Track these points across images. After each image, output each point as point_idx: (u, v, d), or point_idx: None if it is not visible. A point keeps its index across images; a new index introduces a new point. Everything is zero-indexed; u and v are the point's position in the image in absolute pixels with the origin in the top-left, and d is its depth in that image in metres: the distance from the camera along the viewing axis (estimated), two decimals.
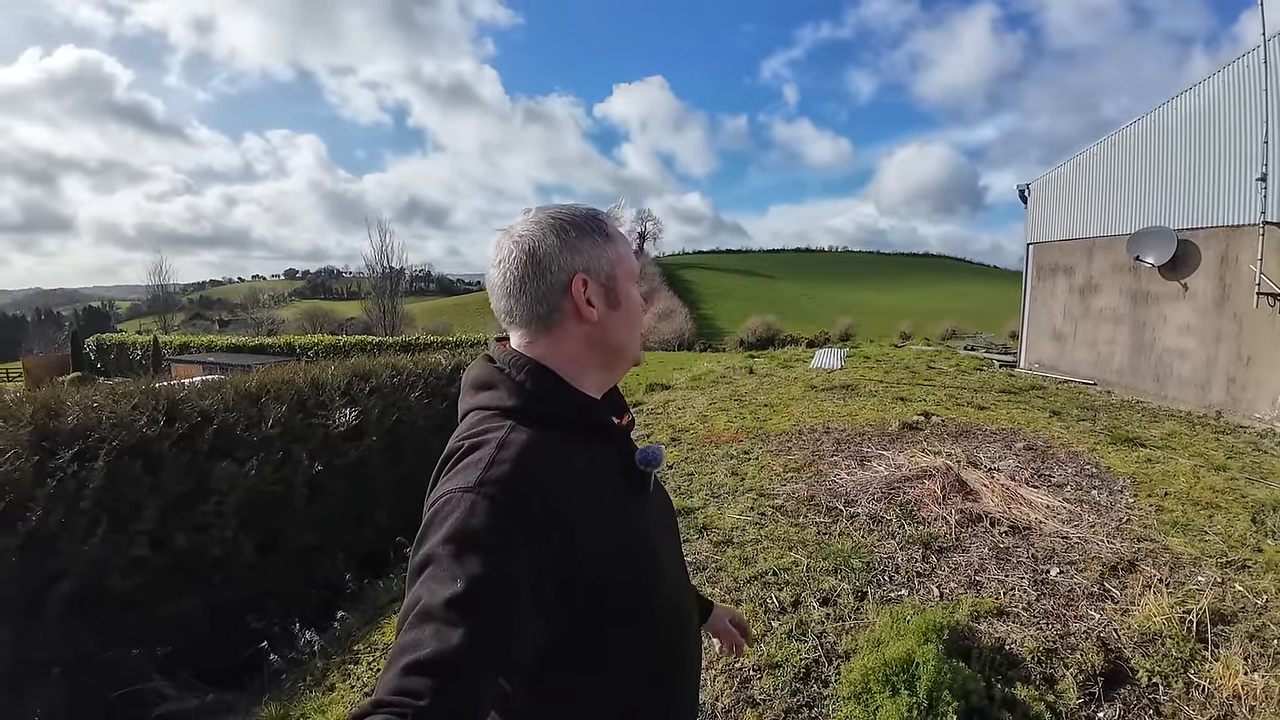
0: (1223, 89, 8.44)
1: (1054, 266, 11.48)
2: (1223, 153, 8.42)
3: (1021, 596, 3.38)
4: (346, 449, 5.17)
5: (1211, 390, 8.57)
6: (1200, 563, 3.74)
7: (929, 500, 4.64)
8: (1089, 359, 10.69)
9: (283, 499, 4.50)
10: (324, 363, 6.28)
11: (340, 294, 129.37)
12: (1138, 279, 9.69)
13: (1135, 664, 2.77)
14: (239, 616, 4.03)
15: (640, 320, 1.08)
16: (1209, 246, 8.68)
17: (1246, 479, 5.40)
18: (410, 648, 0.70)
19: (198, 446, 4.03)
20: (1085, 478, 5.40)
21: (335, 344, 22.09)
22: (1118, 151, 10.13)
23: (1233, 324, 8.32)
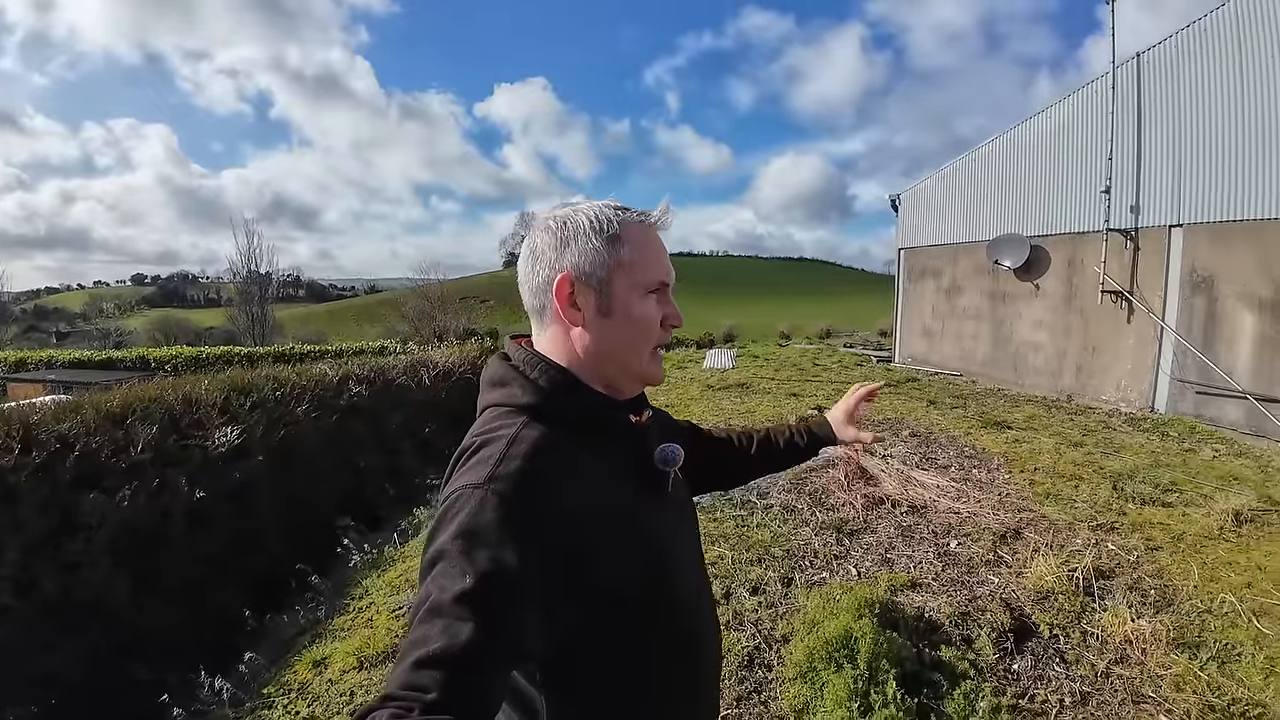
0: (1072, 110, 9.46)
1: (923, 270, 12.42)
2: (1071, 168, 9.44)
3: (930, 569, 3.68)
4: (229, 471, 4.78)
5: (1063, 377, 9.58)
6: (1075, 527, 4.21)
7: (835, 488, 4.92)
8: (956, 353, 11.65)
9: (161, 530, 4.10)
10: (194, 377, 5.79)
11: (197, 301, 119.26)
12: (996, 280, 10.66)
13: (1036, 619, 3.10)
14: (121, 666, 3.61)
15: (643, 334, 0.99)
16: (1058, 251, 9.69)
17: (1101, 453, 6.09)
18: (420, 643, 0.70)
19: (59, 476, 3.65)
20: (966, 459, 5.90)
21: (197, 356, 20.36)
22: (979, 165, 11.12)
23: (1079, 319, 9.35)
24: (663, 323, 1.01)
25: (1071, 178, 9.43)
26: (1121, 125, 8.63)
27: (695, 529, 1.19)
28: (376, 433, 7.40)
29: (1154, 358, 8.37)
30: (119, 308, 79.15)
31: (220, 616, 4.25)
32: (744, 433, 1.47)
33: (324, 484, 5.92)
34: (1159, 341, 8.32)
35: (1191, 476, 5.32)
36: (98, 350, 30.82)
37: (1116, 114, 8.65)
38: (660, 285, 1.00)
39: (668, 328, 1.02)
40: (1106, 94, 8.77)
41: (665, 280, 1.01)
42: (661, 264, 1.01)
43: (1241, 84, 7.28)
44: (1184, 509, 4.51)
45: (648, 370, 1.02)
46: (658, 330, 1.00)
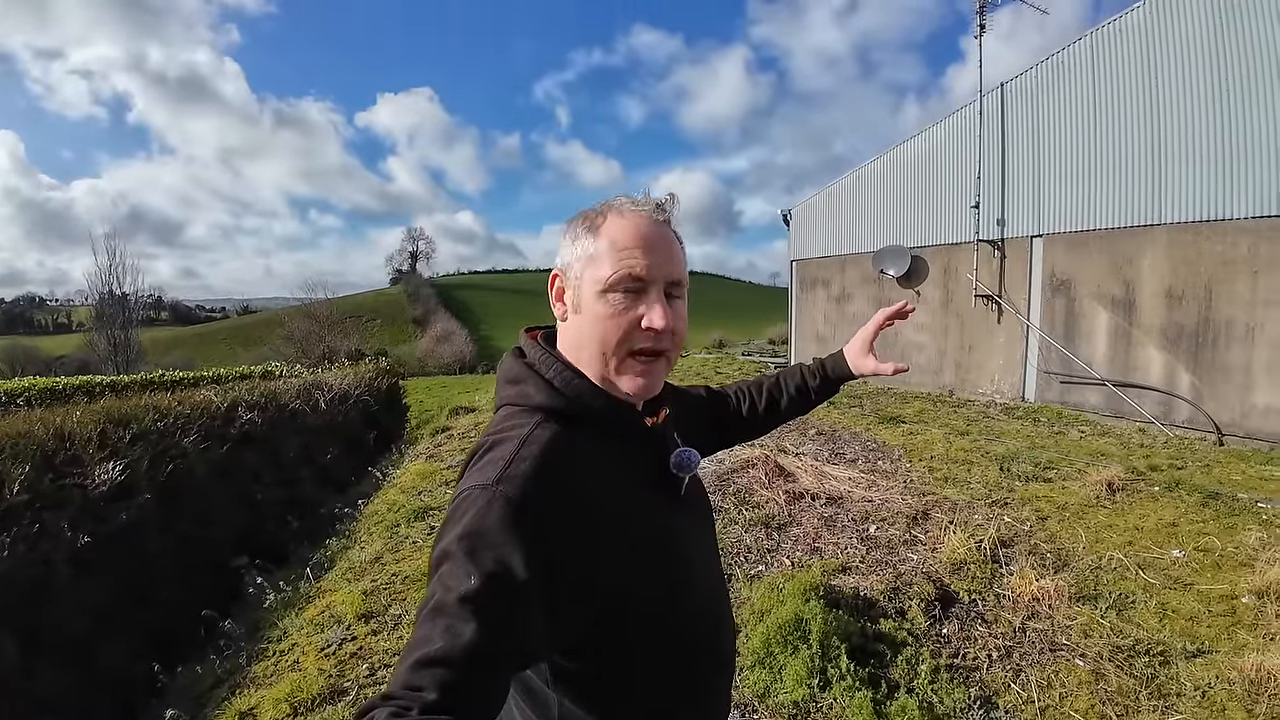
0: (945, 133, 10.40)
1: (814, 279, 13.13)
2: (945, 185, 10.36)
3: (855, 553, 3.96)
4: (113, 512, 4.40)
5: (944, 374, 10.42)
6: (974, 505, 4.63)
7: (757, 486, 5.17)
8: None
9: (42, 582, 3.72)
10: (63, 409, 5.28)
11: (46, 326, 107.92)
12: (881, 288, 11.45)
13: (955, 588, 3.43)
14: None
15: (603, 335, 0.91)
16: (935, 260, 10.58)
17: (985, 439, 6.69)
18: (421, 642, 0.70)
19: None
20: (870, 452, 6.33)
21: (53, 387, 18.31)
22: (863, 182, 11.94)
23: (956, 321, 10.23)
24: (639, 324, 0.91)
25: (946, 194, 10.33)
26: (988, 147, 9.57)
27: (712, 530, 1.17)
28: (272, 462, 7.04)
29: (1022, 353, 9.27)
30: None
31: (121, 674, 3.87)
32: (760, 386, 1.45)
33: (219, 520, 5.55)
34: (1026, 339, 9.23)
35: (1064, 455, 5.95)
36: None
37: (984, 137, 9.59)
38: (631, 281, 0.90)
39: (646, 330, 0.91)
40: (974, 119, 9.69)
41: (639, 275, 0.90)
42: (628, 259, 0.90)
43: (1094, 110, 8.27)
44: (1063, 483, 5.05)
45: (614, 377, 0.94)
46: (618, 332, 0.91)
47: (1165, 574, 3.55)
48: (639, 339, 0.92)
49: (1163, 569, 3.60)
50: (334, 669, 3.23)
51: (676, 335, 0.96)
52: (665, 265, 0.93)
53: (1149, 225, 7.77)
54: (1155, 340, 7.77)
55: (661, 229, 0.95)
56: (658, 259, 0.92)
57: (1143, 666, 2.78)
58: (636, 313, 0.91)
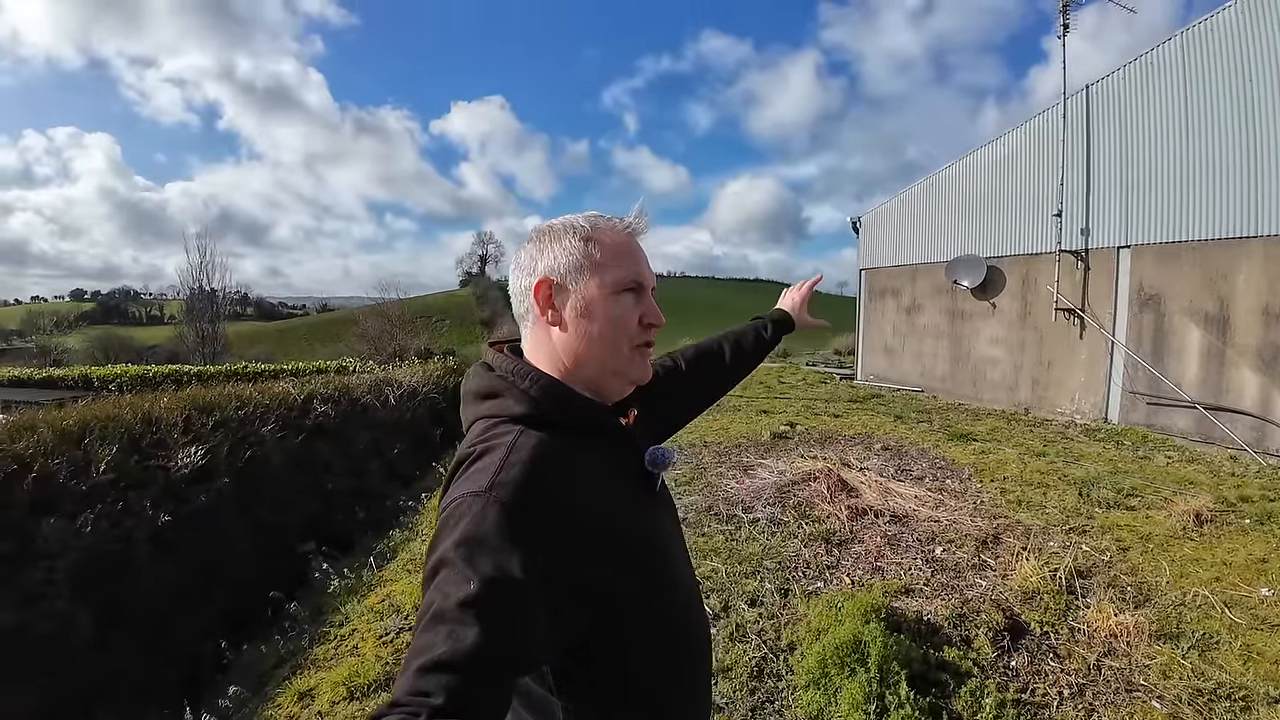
0: (1025, 138, 9.97)
1: (883, 289, 12.82)
2: (1025, 192, 9.93)
3: (919, 575, 3.82)
4: (193, 494, 4.56)
5: (1020, 391, 9.98)
6: (1049, 531, 4.41)
7: (819, 500, 5.05)
8: (916, 369, 12.02)
9: (123, 558, 3.86)
10: (153, 394, 5.56)
11: (139, 318, 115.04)
12: (954, 299, 11.08)
13: (1026, 618, 3.26)
14: (85, 707, 3.37)
15: (618, 332, 1.00)
16: (1013, 271, 10.15)
17: (1063, 462, 6.37)
18: (424, 649, 0.71)
19: (15, 500, 3.44)
20: (938, 469, 6.11)
21: (143, 375, 19.46)
22: (937, 189, 11.59)
23: (1034, 335, 9.78)
24: (641, 321, 1.02)
25: (1025, 201, 9.90)
26: (1072, 152, 9.12)
27: (679, 526, 1.21)
28: (343, 453, 7.24)
29: (1106, 371, 8.79)
30: (57, 324, 75.71)
31: (190, 649, 4.03)
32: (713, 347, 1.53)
33: (291, 507, 5.73)
34: (1110, 356, 8.75)
35: (1149, 481, 5.61)
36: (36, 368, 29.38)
37: (1068, 141, 9.15)
38: (635, 285, 1.01)
39: (646, 326, 1.03)
40: (1057, 123, 9.26)
41: (640, 280, 1.02)
42: (635, 265, 1.02)
43: (1185, 113, 7.78)
44: (1146, 512, 4.76)
45: (628, 368, 1.02)
46: (634, 328, 1.01)
47: (1252, 613, 3.30)
48: (642, 335, 1.02)
49: (1250, 608, 3.36)
50: (391, 657, 3.32)
51: None
52: (651, 273, 1.06)
53: (1244, 238, 7.26)
54: (1250, 361, 7.25)
55: (639, 242, 1.07)
56: (648, 267, 1.05)
57: (1223, 711, 2.59)
58: (639, 312, 1.02)
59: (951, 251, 11.06)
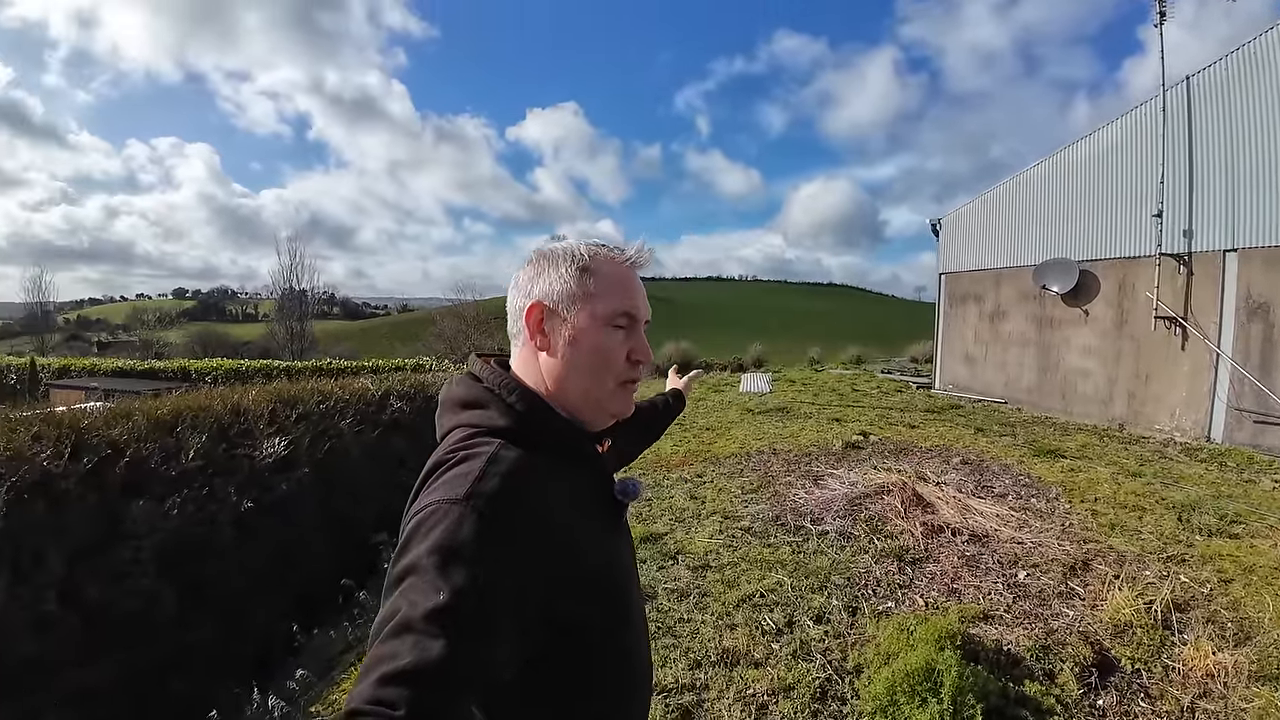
0: (1121, 133, 9.40)
1: (965, 294, 12.31)
2: (1121, 191, 9.36)
3: (1000, 600, 3.62)
4: (275, 482, 4.72)
5: (1114, 405, 9.40)
6: (1143, 559, 4.12)
7: (892, 515, 4.87)
8: (1000, 379, 11.49)
9: (207, 541, 4.02)
10: (242, 387, 5.85)
11: (235, 316, 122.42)
12: (1043, 306, 10.54)
13: (1117, 653, 3.04)
14: (161, 679, 3.54)
15: (604, 365, 1.00)
16: (1108, 276, 9.57)
17: (1161, 483, 5.95)
18: (388, 658, 0.68)
19: (108, 483, 3.58)
20: (1022, 487, 5.80)
21: (237, 369, 20.66)
22: (1023, 189, 11.05)
23: (1131, 345, 9.20)
24: (629, 357, 1.02)
25: (1121, 202, 9.34)
26: (1172, 148, 8.55)
27: (635, 560, 1.23)
28: (417, 448, 7.44)
29: (1210, 386, 8.19)
30: (160, 320, 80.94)
31: (264, 631, 4.22)
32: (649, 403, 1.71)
33: (366, 498, 5.94)
34: (1214, 369, 8.14)
35: (1255, 507, 5.18)
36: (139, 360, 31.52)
37: (1167, 137, 8.58)
38: (626, 319, 1.01)
39: (634, 362, 1.03)
40: (1156, 117, 8.70)
41: (632, 314, 1.02)
42: (628, 299, 1.02)
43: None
44: (1251, 541, 4.39)
45: (610, 402, 1.02)
46: (621, 363, 1.01)
47: None
48: (628, 371, 1.02)
49: None
50: None
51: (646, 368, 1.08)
52: (646, 308, 1.06)
53: None
54: None
55: (638, 276, 1.07)
56: (644, 302, 1.05)
57: None
58: (628, 347, 1.02)
59: (1040, 255, 10.53)
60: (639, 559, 4.48)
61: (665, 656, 3.20)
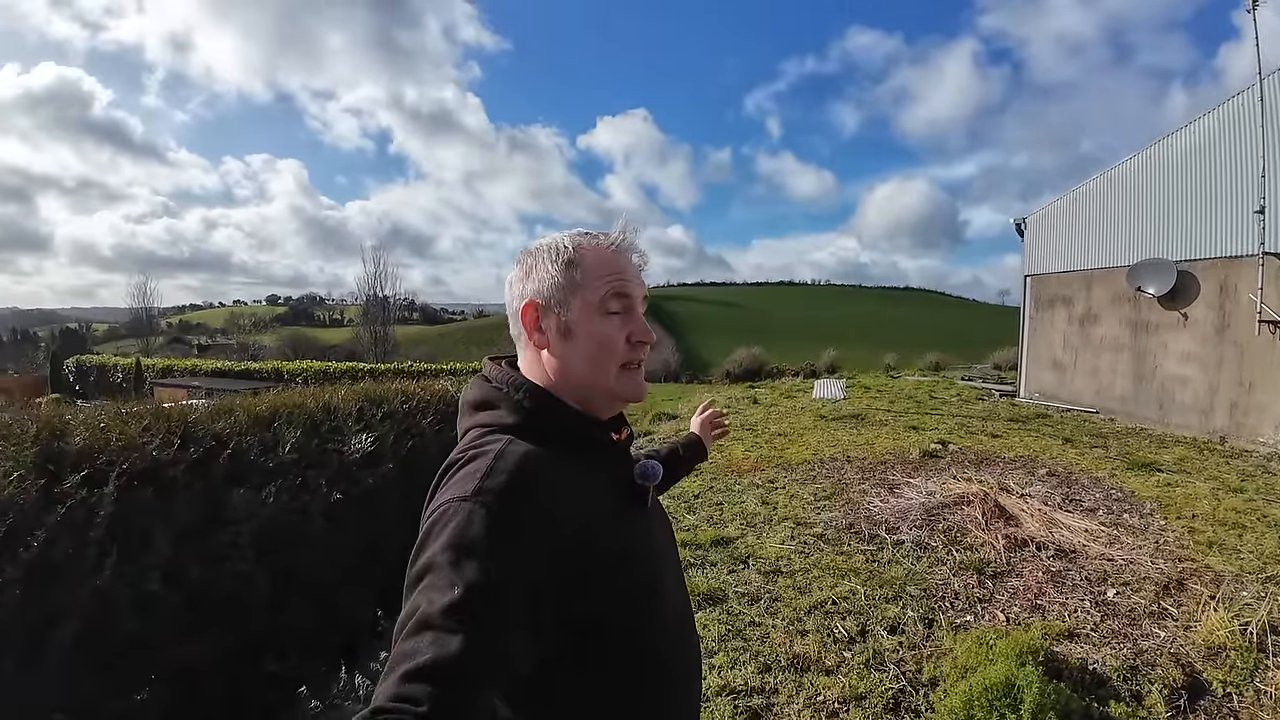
0: (1218, 125, 8.83)
1: (1053, 298, 11.78)
2: (1220, 186, 8.77)
3: (1086, 618, 3.49)
4: (362, 476, 5.06)
5: (1215, 416, 8.81)
6: (1242, 579, 3.89)
7: (972, 526, 4.74)
8: (1091, 388, 10.94)
9: (299, 529, 4.19)
10: (331, 387, 6.17)
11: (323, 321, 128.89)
12: (1138, 309, 9.98)
13: (1208, 676, 2.90)
14: (254, 659, 3.73)
15: (604, 353, 1.00)
16: (1208, 277, 8.99)
17: (1264, 499, 5.58)
18: (409, 655, 0.70)
19: (212, 472, 3.77)
20: (1113, 502, 5.55)
21: (324, 370, 21.68)
22: (1114, 186, 10.51)
23: (1234, 351, 8.60)
24: (629, 339, 1.01)
25: (1220, 197, 8.76)
26: (1273, 140, 7.97)
27: (675, 548, 1.21)
28: None
29: None
30: (255, 325, 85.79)
31: (351, 616, 4.39)
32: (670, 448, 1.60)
33: None
34: None
35: None
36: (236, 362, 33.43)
37: (1267, 128, 8.01)
38: (619, 302, 1.01)
39: (635, 344, 1.02)
40: (1254, 107, 8.13)
41: (624, 297, 1.01)
42: (620, 283, 1.01)
43: None
44: None
45: (617, 388, 1.02)
46: (621, 348, 1.01)
47: None
48: (630, 353, 1.02)
49: None
50: None
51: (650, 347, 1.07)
52: (640, 287, 1.05)
53: None
54: None
55: (629, 255, 1.05)
56: (636, 282, 1.04)
57: None
58: (626, 330, 1.01)
59: (1134, 255, 9.96)
60: (709, 561, 4.52)
61: (735, 659, 3.22)
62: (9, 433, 3.12)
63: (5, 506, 2.80)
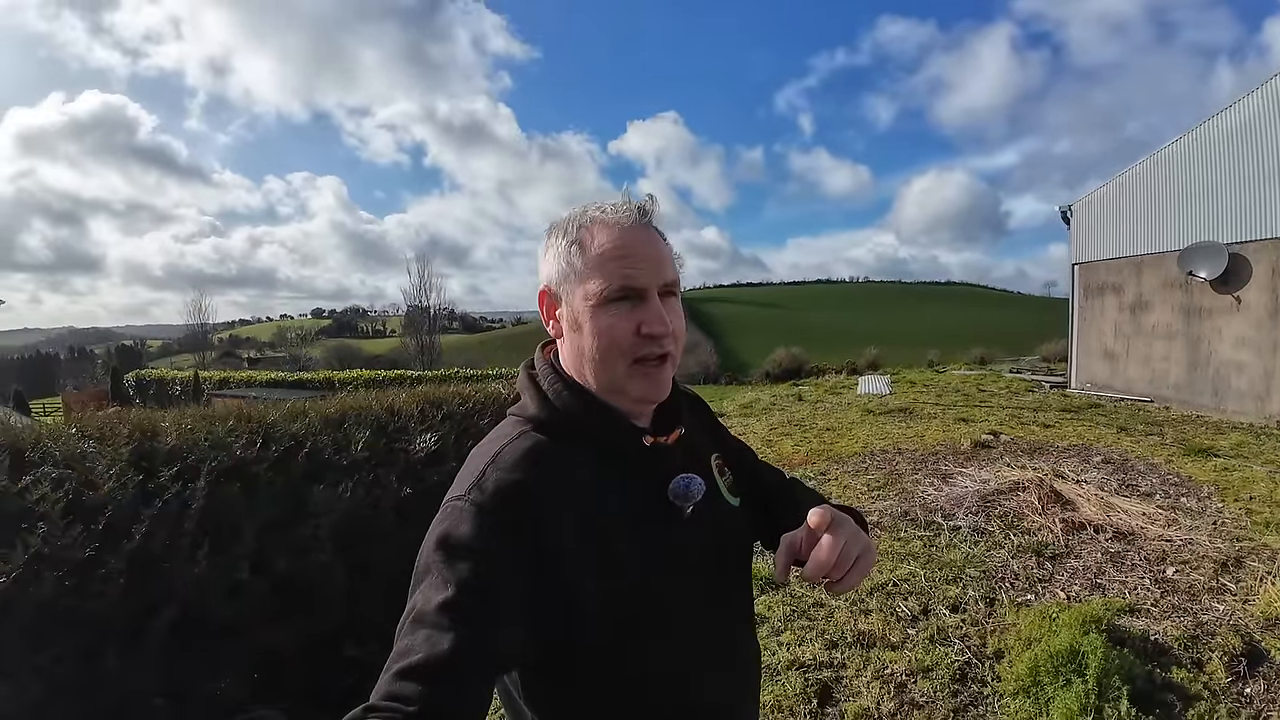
0: (1265, 103, 8.71)
1: (1102, 286, 11.65)
2: (1270, 165, 8.65)
3: (1146, 595, 3.59)
4: (428, 474, 5.19)
5: (1272, 401, 8.67)
6: None
7: (1028, 511, 4.83)
8: (1144, 376, 10.80)
9: (372, 523, 4.48)
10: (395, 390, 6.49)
11: (366, 332, 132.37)
12: (1190, 294, 9.85)
13: (1267, 645, 3.00)
14: (333, 645, 3.98)
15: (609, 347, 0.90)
16: (1260, 259, 8.86)
17: None
18: (404, 653, 0.72)
19: (292, 470, 4.04)
20: (1170, 486, 5.57)
21: (373, 378, 22.28)
22: (1162, 169, 10.38)
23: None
24: (639, 330, 0.89)
25: (1271, 177, 8.63)
26: None
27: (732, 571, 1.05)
28: None
29: None
30: (301, 338, 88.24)
31: None
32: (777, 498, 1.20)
33: None
34: None
35: None
36: (289, 372, 34.45)
37: None
38: (624, 292, 0.89)
39: (645, 337, 0.90)
40: None
41: (629, 286, 0.89)
42: (620, 269, 0.89)
43: None
44: None
45: (627, 385, 0.92)
46: (629, 340, 0.89)
47: None
48: (642, 346, 0.90)
49: None
50: None
51: (677, 336, 0.94)
52: (656, 270, 0.91)
53: None
54: None
55: (646, 232, 0.93)
56: (649, 265, 0.90)
57: None
58: (635, 321, 0.89)
59: (1184, 239, 9.83)
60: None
61: (802, 636, 3.39)
62: (104, 434, 3.33)
63: (105, 501, 3.00)
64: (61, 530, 2.77)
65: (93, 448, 3.22)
